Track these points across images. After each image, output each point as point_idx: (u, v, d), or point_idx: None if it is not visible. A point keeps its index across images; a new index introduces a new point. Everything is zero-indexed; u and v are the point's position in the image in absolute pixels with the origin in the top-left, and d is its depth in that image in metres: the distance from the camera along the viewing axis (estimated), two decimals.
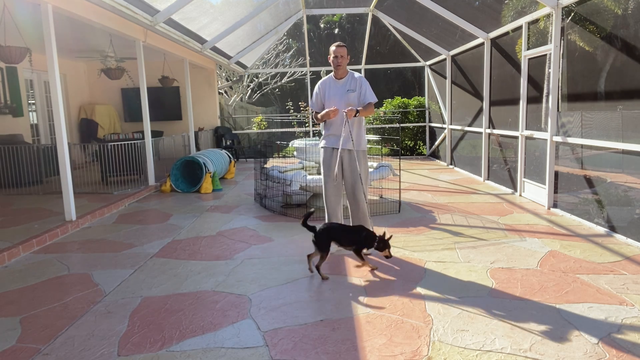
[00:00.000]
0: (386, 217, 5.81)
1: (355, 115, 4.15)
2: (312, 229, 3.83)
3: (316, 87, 4.52)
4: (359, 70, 12.95)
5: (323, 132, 4.52)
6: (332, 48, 4.32)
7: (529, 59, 6.58)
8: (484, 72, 8.14)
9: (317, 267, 3.80)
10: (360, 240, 3.94)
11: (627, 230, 4.59)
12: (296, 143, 6.85)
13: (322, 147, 4.50)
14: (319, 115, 4.36)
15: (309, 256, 3.94)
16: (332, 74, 4.46)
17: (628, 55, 4.71)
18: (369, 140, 10.84)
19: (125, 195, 7.17)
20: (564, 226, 5.18)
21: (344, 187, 4.48)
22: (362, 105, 4.28)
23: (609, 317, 2.99)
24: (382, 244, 3.95)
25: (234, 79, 18.96)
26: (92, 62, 11.54)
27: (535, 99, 6.49)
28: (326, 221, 4.48)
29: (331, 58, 4.32)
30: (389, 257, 4.02)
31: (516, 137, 7.03)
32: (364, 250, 4.12)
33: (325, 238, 3.81)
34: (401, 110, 12.64)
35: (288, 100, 17.98)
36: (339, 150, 4.27)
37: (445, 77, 10.58)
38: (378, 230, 3.89)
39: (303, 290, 3.57)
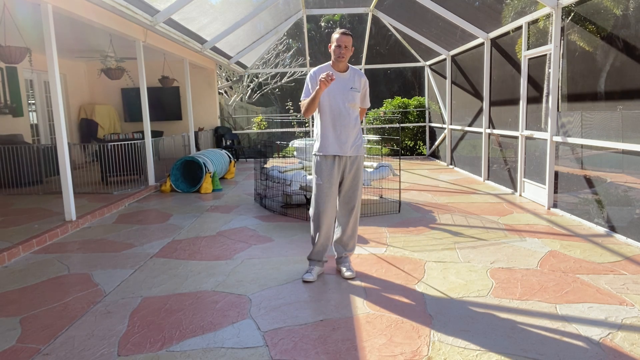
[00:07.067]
0: (386, 217, 5.81)
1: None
2: None
3: (311, 74, 3.70)
4: None
5: (319, 135, 3.72)
6: (336, 35, 3.60)
7: (529, 59, 6.58)
8: (484, 72, 8.14)
9: None
10: None
11: (627, 230, 4.59)
12: (296, 143, 6.86)
13: (319, 155, 3.71)
14: (311, 96, 3.57)
15: None
16: (329, 63, 3.73)
17: (628, 55, 4.71)
18: (368, 141, 10.86)
19: (125, 195, 7.17)
20: (564, 226, 5.18)
21: (340, 197, 3.82)
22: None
23: (609, 317, 2.99)
24: None
25: (234, 79, 18.96)
26: (92, 62, 11.54)
27: (535, 99, 6.49)
28: (315, 241, 3.78)
29: (333, 47, 3.62)
30: None
31: (516, 137, 7.03)
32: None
33: None
34: (401, 110, 12.63)
35: (288, 100, 18.02)
36: (344, 157, 3.68)
37: (445, 77, 10.58)
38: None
39: (303, 290, 3.57)
